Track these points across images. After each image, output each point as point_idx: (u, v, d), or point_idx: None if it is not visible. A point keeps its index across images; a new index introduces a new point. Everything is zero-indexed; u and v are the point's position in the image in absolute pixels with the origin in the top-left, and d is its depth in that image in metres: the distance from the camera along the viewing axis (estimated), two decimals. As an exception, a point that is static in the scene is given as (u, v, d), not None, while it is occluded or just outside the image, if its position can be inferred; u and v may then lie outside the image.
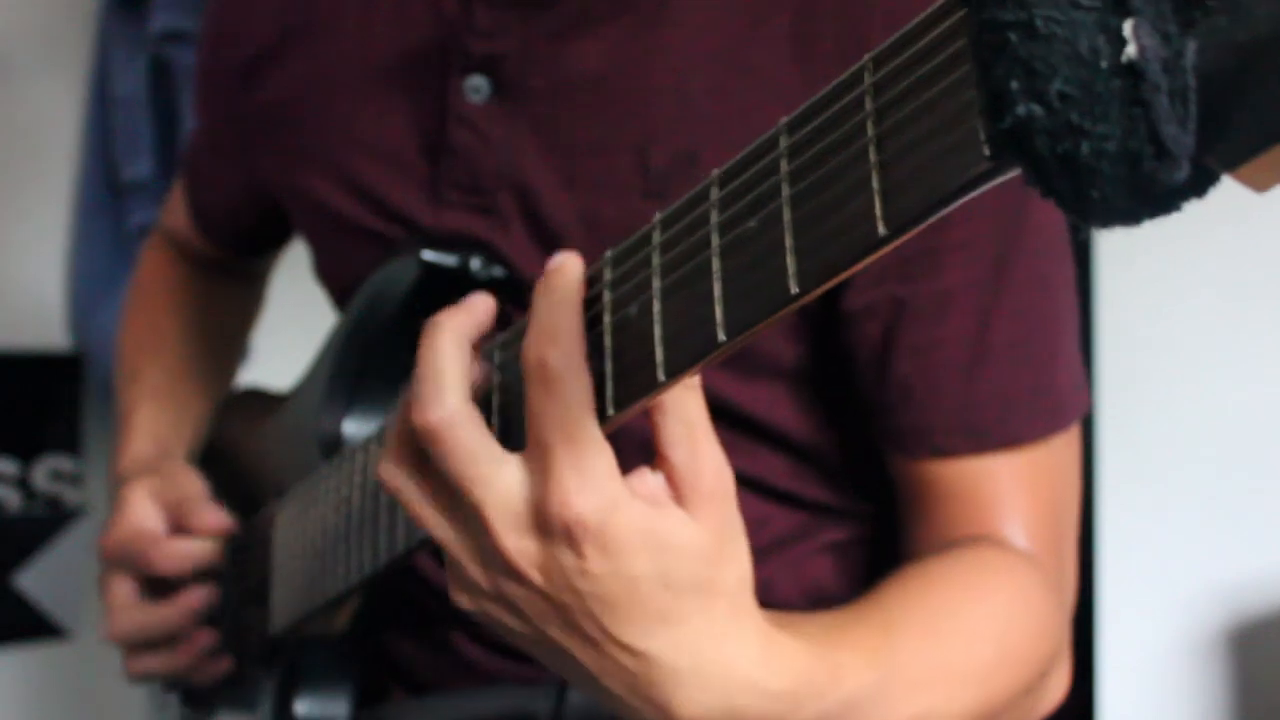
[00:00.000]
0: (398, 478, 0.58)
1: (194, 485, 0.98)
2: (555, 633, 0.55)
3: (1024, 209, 0.73)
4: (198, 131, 1.11)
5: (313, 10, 0.89)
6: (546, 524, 0.51)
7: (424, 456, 0.55)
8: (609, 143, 0.76)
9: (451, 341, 0.55)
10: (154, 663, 0.96)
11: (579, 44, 0.77)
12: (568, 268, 0.53)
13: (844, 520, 0.84)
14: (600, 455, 0.51)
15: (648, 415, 0.53)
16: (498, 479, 0.52)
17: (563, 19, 0.78)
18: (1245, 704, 1.79)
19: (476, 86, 0.80)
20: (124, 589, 0.96)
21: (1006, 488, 0.75)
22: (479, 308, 0.58)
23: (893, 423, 0.76)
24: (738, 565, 0.55)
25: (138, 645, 0.96)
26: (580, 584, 0.52)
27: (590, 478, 0.51)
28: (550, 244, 0.78)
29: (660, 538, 0.52)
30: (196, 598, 0.94)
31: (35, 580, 2.02)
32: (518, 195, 0.79)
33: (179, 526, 0.95)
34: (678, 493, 0.53)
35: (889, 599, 0.68)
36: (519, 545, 0.52)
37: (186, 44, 1.83)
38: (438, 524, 0.56)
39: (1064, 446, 0.77)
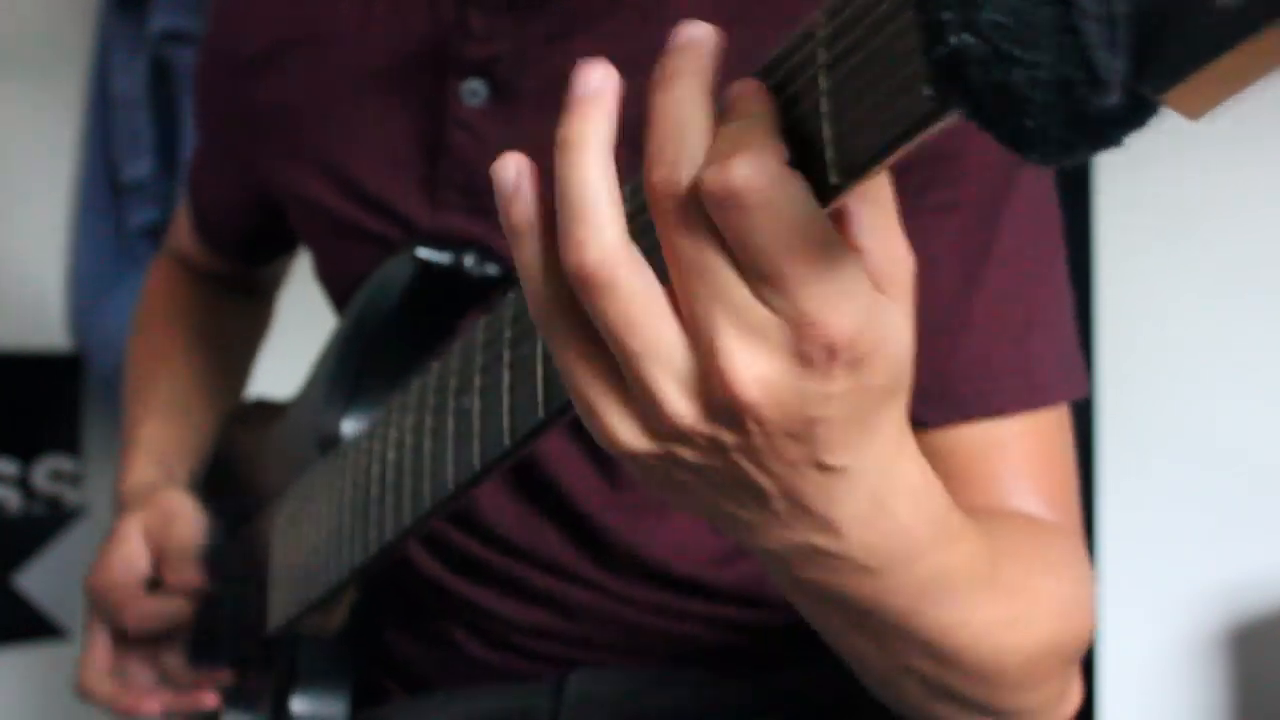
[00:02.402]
0: (563, 317, 0.48)
1: (185, 527, 0.98)
2: (750, 468, 0.47)
3: (1011, 182, 0.73)
4: (197, 140, 1.11)
5: (311, 14, 0.89)
6: (804, 349, 0.42)
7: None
8: None
9: (598, 166, 0.45)
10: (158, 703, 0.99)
11: (573, 45, 0.78)
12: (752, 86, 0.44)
13: None
14: (843, 256, 0.42)
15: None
16: (729, 297, 0.43)
17: (556, 21, 0.78)
18: (1245, 704, 1.78)
19: (474, 90, 0.80)
20: (100, 647, 0.99)
21: (1011, 462, 0.73)
22: (609, 94, 0.47)
23: None
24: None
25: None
26: (815, 410, 0.44)
27: (846, 283, 0.42)
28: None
29: (889, 339, 0.44)
30: (157, 700, 0.97)
31: (35, 580, 2.03)
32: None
33: (159, 574, 0.97)
34: (879, 286, 0.45)
35: (977, 520, 0.62)
36: (756, 375, 0.43)
37: (186, 44, 1.84)
38: (634, 346, 0.45)
39: (1062, 426, 0.76)
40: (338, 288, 0.94)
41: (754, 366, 0.43)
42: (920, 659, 0.58)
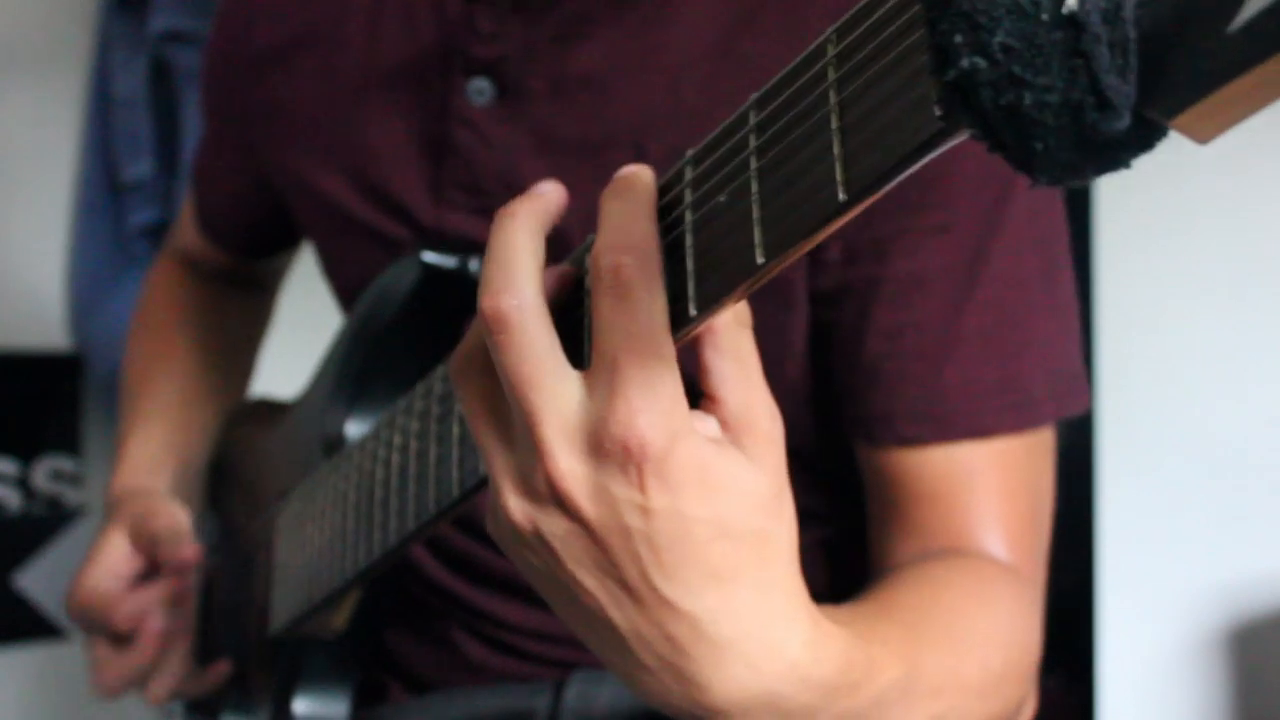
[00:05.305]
0: (461, 374, 0.52)
1: (171, 514, 0.98)
2: (589, 579, 0.49)
3: (1005, 205, 0.73)
4: (203, 136, 1.12)
5: (321, 12, 0.90)
6: (605, 445, 0.46)
7: (487, 355, 0.51)
8: (606, 141, 0.77)
9: (525, 230, 0.50)
10: (166, 683, 0.97)
11: (579, 45, 0.78)
12: (640, 174, 0.49)
13: (829, 522, 0.84)
14: (671, 376, 0.46)
15: (696, 354, 0.49)
16: (559, 389, 0.47)
17: (563, 21, 0.79)
18: (1245, 704, 1.78)
19: (480, 89, 0.81)
20: (101, 649, 0.97)
21: (981, 491, 0.73)
22: (551, 197, 0.53)
23: (861, 409, 0.76)
24: (790, 520, 0.49)
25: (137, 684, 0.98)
26: (632, 520, 0.46)
27: (658, 399, 0.45)
28: (552, 244, 0.79)
29: (722, 478, 0.47)
30: (156, 626, 0.95)
31: (35, 580, 2.03)
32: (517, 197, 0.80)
33: (154, 563, 0.96)
34: (733, 435, 0.48)
35: (906, 599, 0.66)
36: (570, 466, 0.47)
37: (186, 44, 1.84)
38: (486, 432, 0.50)
39: (1038, 451, 0.76)
40: (343, 283, 0.95)
41: (566, 457, 0.47)
42: None
